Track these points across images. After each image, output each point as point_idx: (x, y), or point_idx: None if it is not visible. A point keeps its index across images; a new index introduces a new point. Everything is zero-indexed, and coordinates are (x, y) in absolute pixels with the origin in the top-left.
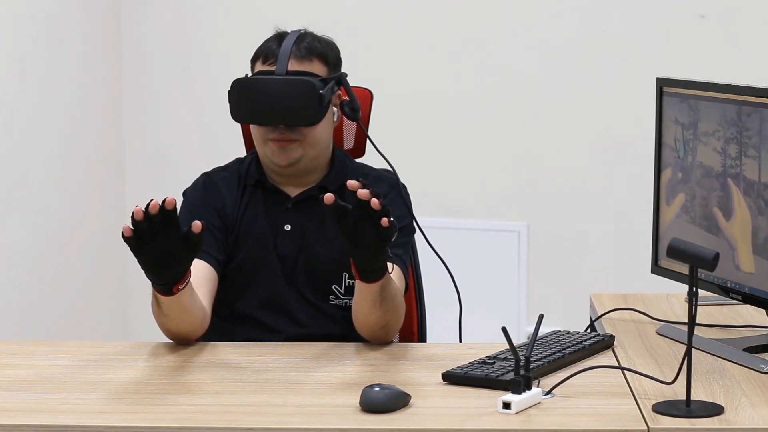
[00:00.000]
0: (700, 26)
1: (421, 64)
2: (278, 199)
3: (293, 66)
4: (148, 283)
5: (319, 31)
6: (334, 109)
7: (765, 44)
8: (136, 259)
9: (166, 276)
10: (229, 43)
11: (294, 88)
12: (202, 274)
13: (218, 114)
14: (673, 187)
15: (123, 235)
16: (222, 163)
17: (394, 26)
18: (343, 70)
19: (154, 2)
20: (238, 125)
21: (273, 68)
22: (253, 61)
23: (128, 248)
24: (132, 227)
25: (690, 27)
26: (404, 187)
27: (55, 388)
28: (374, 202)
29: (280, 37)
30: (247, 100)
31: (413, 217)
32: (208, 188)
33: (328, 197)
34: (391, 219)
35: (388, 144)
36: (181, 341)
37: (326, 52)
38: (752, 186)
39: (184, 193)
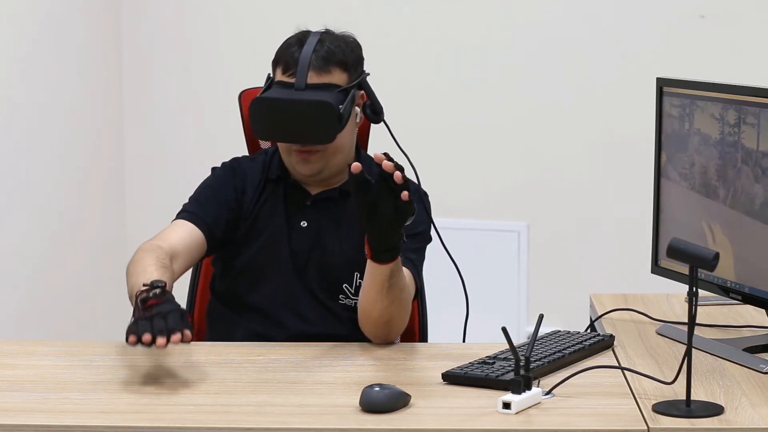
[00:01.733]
0: (700, 26)
1: (420, 65)
2: (298, 195)
3: (312, 78)
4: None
5: (296, 29)
6: (357, 109)
7: (765, 44)
8: None
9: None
10: (229, 43)
11: (312, 109)
12: (187, 235)
13: (218, 114)
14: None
15: (126, 338)
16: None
17: (393, 27)
18: None
19: (154, 2)
20: (239, 125)
21: (292, 80)
22: (274, 65)
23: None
24: (136, 340)
25: (690, 27)
26: (426, 194)
27: (55, 388)
28: (397, 175)
29: (300, 41)
30: (266, 119)
31: (433, 225)
32: (235, 171)
33: (355, 166)
34: (411, 197)
35: (388, 144)
36: None
37: (346, 57)
38: (750, 154)
39: (213, 169)
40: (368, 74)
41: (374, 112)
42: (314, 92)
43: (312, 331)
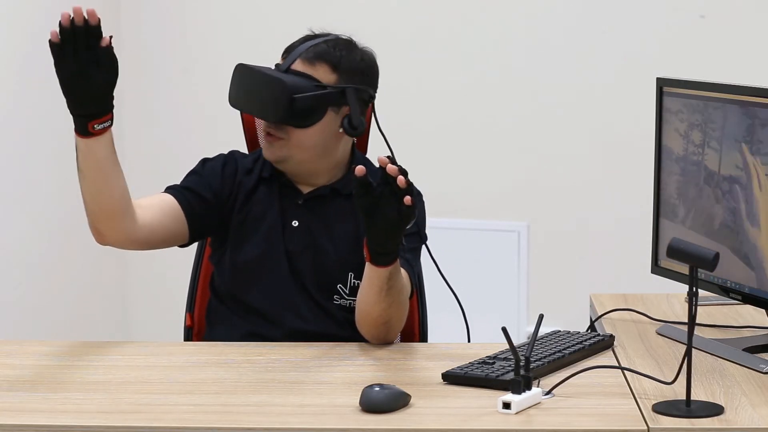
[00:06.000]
0: (700, 26)
1: (421, 64)
2: (290, 194)
3: (297, 66)
4: (148, 283)
5: (319, 29)
6: (343, 118)
7: (765, 44)
8: (58, 79)
9: (84, 104)
10: (229, 43)
11: (266, 84)
12: (161, 199)
13: (218, 114)
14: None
15: (50, 41)
16: None
17: (393, 26)
18: None
19: (154, 2)
20: (239, 125)
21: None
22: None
23: (56, 69)
24: (59, 34)
25: (690, 27)
26: (420, 193)
27: (55, 388)
28: (400, 179)
29: (314, 36)
30: (235, 84)
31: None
32: (227, 161)
33: (360, 169)
34: (413, 194)
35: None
36: (98, 219)
37: (340, 60)
38: (712, 176)
39: (203, 159)
40: (370, 92)
41: (351, 126)
42: (286, 74)
43: (309, 330)
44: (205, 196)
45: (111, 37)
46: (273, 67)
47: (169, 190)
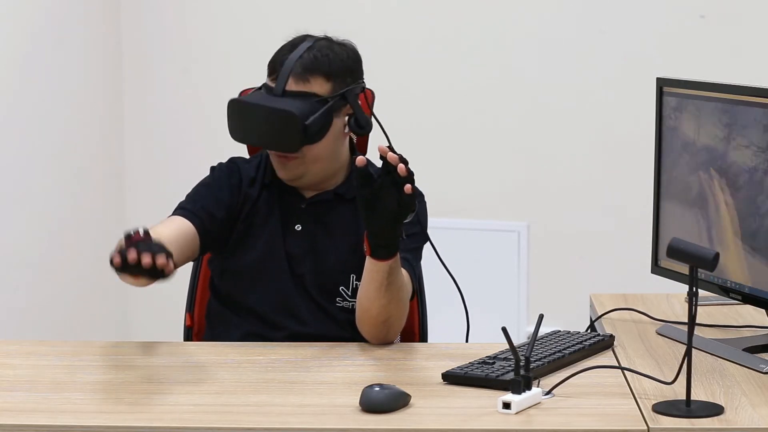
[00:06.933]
0: (700, 26)
1: (420, 64)
2: (293, 199)
3: (291, 85)
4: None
5: (319, 30)
6: (347, 119)
7: (765, 44)
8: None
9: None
10: (229, 43)
11: (275, 118)
12: (177, 229)
13: (218, 115)
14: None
15: (111, 262)
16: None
17: (393, 25)
18: None
19: (154, 2)
20: None
21: (274, 85)
22: (268, 68)
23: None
24: (121, 260)
25: (690, 27)
26: (422, 195)
27: (55, 388)
28: (401, 167)
29: (294, 45)
30: (237, 120)
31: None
32: (232, 172)
33: (360, 160)
34: (414, 189)
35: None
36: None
37: (330, 67)
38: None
39: (212, 168)
40: (362, 84)
41: (359, 126)
42: (287, 100)
43: (310, 332)
44: (218, 214)
45: (175, 265)
46: (260, 87)
47: (184, 212)
